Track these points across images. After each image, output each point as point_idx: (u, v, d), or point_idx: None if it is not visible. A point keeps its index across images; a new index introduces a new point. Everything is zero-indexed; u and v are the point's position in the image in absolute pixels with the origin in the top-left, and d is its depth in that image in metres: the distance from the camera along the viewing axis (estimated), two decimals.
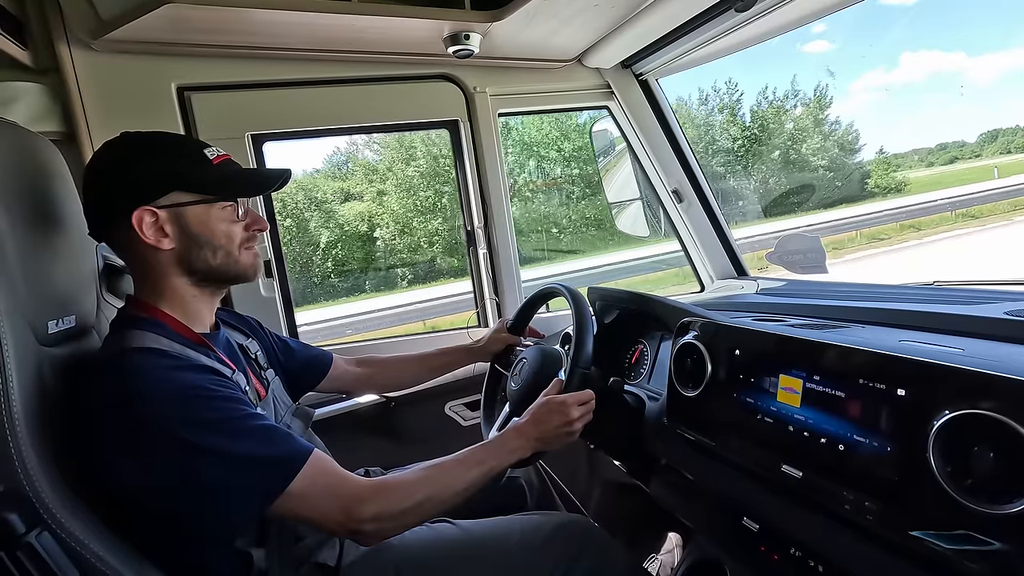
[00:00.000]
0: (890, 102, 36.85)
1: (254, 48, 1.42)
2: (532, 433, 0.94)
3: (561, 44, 1.62)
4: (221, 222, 0.83)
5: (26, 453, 0.64)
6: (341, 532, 0.77)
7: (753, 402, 0.81)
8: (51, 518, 0.64)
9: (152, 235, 0.78)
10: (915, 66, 35.17)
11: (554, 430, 0.95)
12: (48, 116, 1.32)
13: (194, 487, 0.69)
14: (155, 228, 0.78)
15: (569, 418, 0.95)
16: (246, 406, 0.75)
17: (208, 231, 0.81)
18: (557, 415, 0.96)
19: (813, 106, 10.69)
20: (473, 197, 1.72)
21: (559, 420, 0.95)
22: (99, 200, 0.80)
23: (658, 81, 1.86)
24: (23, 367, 0.68)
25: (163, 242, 0.79)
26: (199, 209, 0.81)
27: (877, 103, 37.52)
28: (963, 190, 9.43)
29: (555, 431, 0.95)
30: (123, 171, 0.79)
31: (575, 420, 0.96)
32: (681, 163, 1.87)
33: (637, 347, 1.34)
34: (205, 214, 0.81)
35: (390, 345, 1.78)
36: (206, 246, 0.81)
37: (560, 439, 0.96)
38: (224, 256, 0.83)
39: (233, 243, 0.84)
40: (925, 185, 11.16)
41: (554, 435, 0.95)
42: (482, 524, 1.03)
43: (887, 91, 37.29)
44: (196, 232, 0.80)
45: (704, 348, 0.91)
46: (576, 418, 0.96)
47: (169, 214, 0.79)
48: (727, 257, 1.95)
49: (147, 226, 0.77)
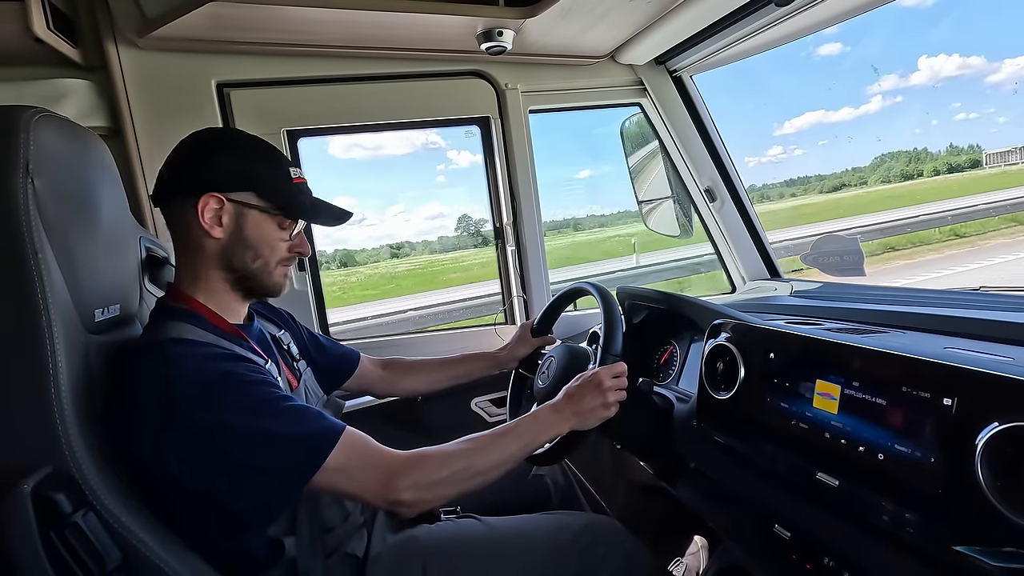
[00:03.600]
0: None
1: (291, 45, 1.44)
2: (568, 408, 0.93)
3: (594, 40, 1.61)
4: (272, 235, 0.86)
5: (73, 436, 0.67)
6: (380, 503, 0.78)
7: (787, 407, 0.79)
8: (96, 500, 0.66)
9: (209, 220, 0.81)
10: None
11: (589, 403, 0.94)
12: (95, 112, 1.37)
13: (232, 469, 0.71)
14: (214, 215, 0.81)
15: (603, 388, 0.94)
16: (278, 388, 0.77)
17: (259, 238, 0.84)
18: (591, 388, 0.95)
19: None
20: (502, 194, 1.72)
21: (594, 393, 0.94)
22: (180, 173, 0.83)
23: (692, 78, 1.83)
24: (71, 353, 0.71)
25: (215, 230, 0.82)
26: (261, 217, 0.84)
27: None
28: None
29: (590, 404, 0.94)
30: (215, 155, 0.83)
31: (609, 391, 0.95)
32: (715, 161, 1.83)
33: (667, 348, 1.32)
34: (265, 222, 0.85)
35: (415, 341, 1.80)
36: (250, 250, 0.84)
37: (595, 413, 0.94)
38: (262, 265, 0.86)
39: (274, 257, 0.87)
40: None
41: (589, 409, 0.94)
42: (508, 521, 1.03)
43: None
44: (248, 234, 0.83)
45: (737, 350, 0.89)
46: (609, 388, 0.95)
47: (234, 208, 0.82)
48: (760, 258, 1.91)
49: (208, 210, 0.81)
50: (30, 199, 0.69)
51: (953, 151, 12.16)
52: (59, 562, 0.61)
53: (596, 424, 0.95)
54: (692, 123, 1.81)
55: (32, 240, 0.68)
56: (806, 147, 60.33)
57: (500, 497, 1.11)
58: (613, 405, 0.95)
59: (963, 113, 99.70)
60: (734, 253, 1.91)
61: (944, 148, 13.93)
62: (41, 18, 1.14)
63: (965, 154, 9.70)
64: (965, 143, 17.78)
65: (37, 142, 0.71)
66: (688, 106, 1.81)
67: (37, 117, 0.73)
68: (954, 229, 8.45)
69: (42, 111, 0.74)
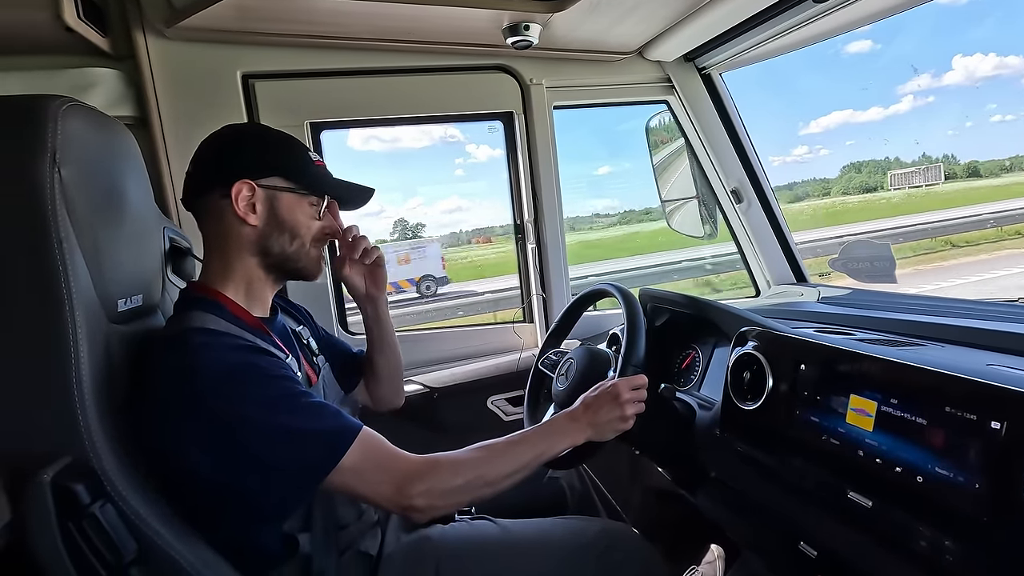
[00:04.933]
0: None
1: (316, 36, 1.44)
2: (584, 418, 0.91)
3: (621, 36, 1.57)
4: (305, 215, 0.87)
5: (93, 427, 0.67)
6: (392, 507, 0.77)
7: (818, 421, 0.76)
8: (114, 491, 0.66)
9: (244, 208, 0.82)
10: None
11: (605, 415, 0.92)
12: (123, 101, 1.38)
13: (248, 461, 0.71)
14: (248, 203, 0.82)
15: (621, 401, 0.92)
16: (298, 384, 0.77)
17: (293, 219, 0.86)
18: (608, 400, 0.93)
19: None
20: (524, 190, 1.70)
21: (611, 405, 0.92)
22: (208, 168, 0.85)
23: (722, 76, 1.79)
24: (93, 343, 0.71)
25: (250, 217, 0.83)
26: (291, 198, 0.86)
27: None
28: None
29: (606, 416, 0.92)
30: (239, 147, 0.86)
31: (626, 404, 0.93)
32: (743, 162, 1.79)
33: (688, 353, 1.30)
34: (296, 203, 0.86)
35: (431, 337, 1.78)
36: (287, 232, 0.86)
37: (612, 425, 0.92)
38: (299, 246, 0.87)
39: (308, 236, 0.88)
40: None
41: (605, 421, 0.92)
42: (523, 524, 1.01)
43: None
44: (283, 218, 0.85)
45: (765, 360, 0.86)
46: (627, 400, 0.93)
47: (265, 194, 0.83)
48: (786, 261, 1.86)
49: (243, 199, 0.82)
50: (56, 188, 0.69)
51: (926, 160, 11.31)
52: (77, 553, 0.61)
53: (612, 436, 0.93)
54: (720, 122, 1.77)
55: (57, 229, 0.68)
56: (833, 147, 58.98)
57: (515, 499, 1.09)
58: (630, 419, 0.93)
59: (999, 115, 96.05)
60: (759, 256, 1.86)
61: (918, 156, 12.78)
62: (72, 7, 1.14)
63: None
64: (1003, 150, 16.50)
65: (65, 131, 0.71)
66: (717, 105, 1.76)
67: (66, 107, 0.73)
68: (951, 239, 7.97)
69: (70, 100, 0.74)
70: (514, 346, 1.71)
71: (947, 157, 9.11)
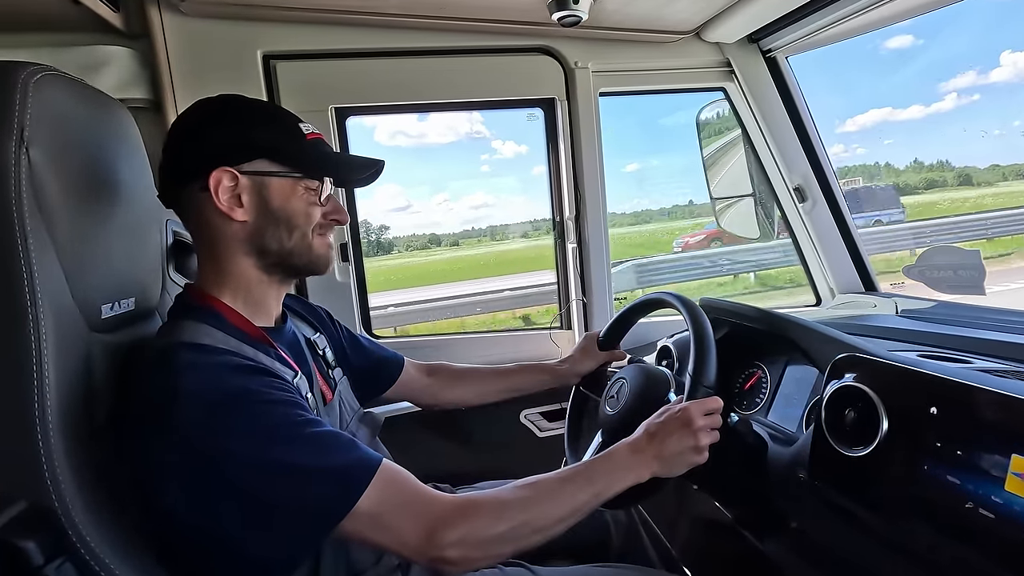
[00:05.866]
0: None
1: (341, 12, 1.31)
2: (649, 449, 0.76)
3: (679, 13, 1.41)
4: (302, 202, 0.73)
5: (58, 461, 0.56)
6: (419, 559, 0.64)
7: (960, 484, 0.59)
8: (80, 542, 0.55)
9: (227, 201, 0.69)
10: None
11: (676, 445, 0.76)
12: (136, 82, 1.28)
13: (242, 506, 0.59)
14: (231, 194, 0.70)
15: (694, 428, 0.76)
16: (304, 411, 0.64)
17: (288, 209, 0.72)
18: (678, 427, 0.77)
19: None
20: (565, 185, 1.55)
21: (682, 433, 0.76)
22: (178, 156, 0.72)
23: (788, 59, 1.60)
24: (65, 357, 0.59)
25: (236, 212, 0.70)
26: (283, 183, 0.72)
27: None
28: None
29: (677, 446, 0.76)
30: (211, 128, 0.71)
31: (701, 432, 0.77)
32: (808, 156, 1.60)
33: (753, 372, 1.13)
34: (289, 190, 0.72)
35: (461, 343, 1.65)
36: (283, 225, 0.72)
37: (684, 458, 0.76)
38: (300, 238, 0.74)
39: (310, 225, 0.75)
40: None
41: (676, 452, 0.76)
42: (563, 574, 0.87)
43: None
44: (275, 208, 0.72)
45: (878, 398, 0.69)
46: (701, 428, 0.77)
47: (251, 182, 0.70)
48: (855, 268, 1.67)
49: (223, 190, 0.69)
50: (22, 172, 0.57)
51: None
52: None
53: (684, 471, 0.77)
54: (785, 111, 1.58)
55: (22, 222, 0.57)
56: (870, 146, 56.21)
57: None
58: (704, 449, 0.78)
59: None
60: (823, 260, 1.68)
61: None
62: None
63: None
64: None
65: (36, 104, 0.60)
66: (782, 91, 1.58)
67: (40, 75, 0.61)
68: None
69: (46, 68, 0.62)
70: (550, 355, 1.57)
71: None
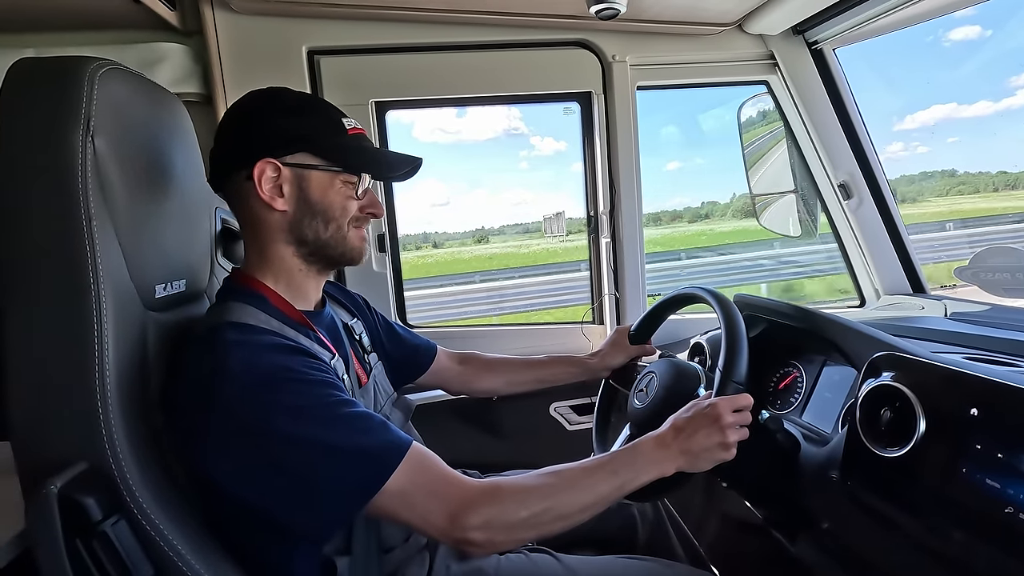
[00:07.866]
0: None
1: (383, 8, 1.35)
2: (675, 444, 0.76)
3: (720, 5, 1.38)
4: (339, 195, 0.77)
5: (116, 427, 0.60)
6: (445, 539, 0.66)
7: (999, 488, 0.57)
8: (134, 503, 0.59)
9: (268, 191, 0.73)
10: None
11: (703, 440, 0.75)
12: (190, 77, 1.35)
13: (279, 479, 0.62)
14: (273, 184, 0.73)
15: (722, 424, 0.75)
16: (340, 392, 0.67)
17: (325, 202, 0.76)
18: (706, 422, 0.76)
19: None
20: (600, 179, 1.55)
21: (709, 428, 0.76)
22: (227, 145, 0.76)
23: (835, 52, 1.55)
24: (123, 332, 0.64)
25: (277, 202, 0.73)
26: (322, 176, 0.75)
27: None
28: None
29: (704, 442, 0.75)
30: (258, 120, 0.75)
31: (729, 428, 0.76)
32: (855, 152, 1.55)
33: (789, 372, 1.10)
34: (328, 183, 0.76)
35: (493, 334, 1.67)
36: (320, 216, 0.76)
37: (710, 454, 0.76)
38: (335, 230, 0.77)
39: (345, 219, 0.78)
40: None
41: (702, 448, 0.75)
42: (589, 563, 0.88)
43: None
44: (314, 200, 0.75)
45: (915, 397, 0.67)
46: (730, 424, 0.76)
47: (292, 174, 0.74)
48: (902, 268, 1.60)
49: (266, 180, 0.73)
50: (88, 160, 0.62)
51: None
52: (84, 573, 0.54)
53: (710, 467, 0.77)
54: (831, 105, 1.53)
55: (87, 204, 0.61)
56: (932, 144, 52.45)
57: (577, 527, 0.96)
58: (732, 446, 0.77)
59: None
60: (868, 260, 1.62)
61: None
62: None
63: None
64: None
65: (102, 97, 0.64)
66: (828, 85, 1.53)
67: (105, 70, 0.66)
68: None
69: (110, 63, 0.67)
70: (581, 349, 1.57)
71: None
